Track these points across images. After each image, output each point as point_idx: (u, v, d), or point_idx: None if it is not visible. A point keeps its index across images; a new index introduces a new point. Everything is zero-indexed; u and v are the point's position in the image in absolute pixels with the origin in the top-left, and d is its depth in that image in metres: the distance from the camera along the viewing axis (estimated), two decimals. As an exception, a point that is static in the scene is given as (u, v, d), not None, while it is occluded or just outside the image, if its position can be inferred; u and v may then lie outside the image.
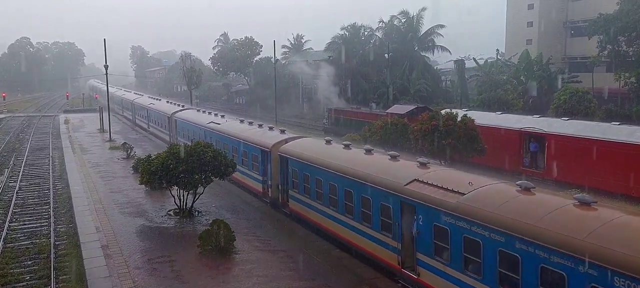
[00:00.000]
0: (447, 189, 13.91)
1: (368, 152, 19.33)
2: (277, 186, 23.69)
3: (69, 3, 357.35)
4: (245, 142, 27.17)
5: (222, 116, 35.84)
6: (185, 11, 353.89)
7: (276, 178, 23.68)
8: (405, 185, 15.15)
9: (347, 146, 20.65)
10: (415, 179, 15.17)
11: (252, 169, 26.16)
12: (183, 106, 47.39)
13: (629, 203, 23.53)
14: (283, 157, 22.67)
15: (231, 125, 31.60)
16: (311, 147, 22.06)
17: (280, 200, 23.57)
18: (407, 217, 15.11)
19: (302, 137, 25.64)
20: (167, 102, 55.24)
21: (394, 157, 17.90)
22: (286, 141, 23.74)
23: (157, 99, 60.47)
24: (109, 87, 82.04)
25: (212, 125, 33.09)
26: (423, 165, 16.20)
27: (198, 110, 42.38)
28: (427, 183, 14.67)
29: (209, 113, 38.94)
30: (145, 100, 61.26)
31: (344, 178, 18.05)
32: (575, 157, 27.34)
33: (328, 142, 21.83)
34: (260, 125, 28.86)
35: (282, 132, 26.03)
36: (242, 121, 32.39)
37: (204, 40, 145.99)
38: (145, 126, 55.34)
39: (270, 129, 27.71)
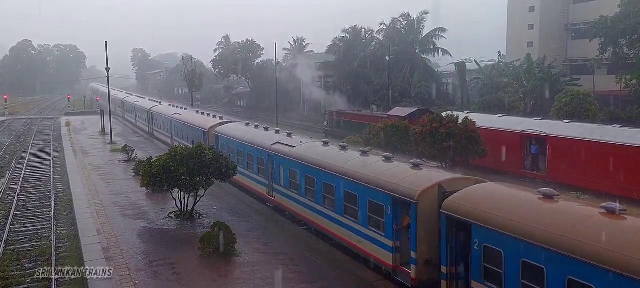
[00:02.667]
0: None
1: None
2: (427, 262, 14.54)
3: (70, 4, 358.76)
4: (354, 181, 17.40)
5: (289, 134, 25.85)
6: (186, 15, 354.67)
7: (427, 249, 14.55)
8: None
9: (622, 214, 10.87)
10: None
11: (368, 224, 16.82)
12: (222, 118, 36.79)
13: (631, 206, 23.50)
14: (455, 220, 13.30)
15: (316, 150, 21.50)
16: (521, 208, 12.20)
17: None
18: None
19: (479, 179, 15.47)
20: (198, 112, 45.29)
21: None
22: (442, 188, 14.44)
23: (183, 108, 49.56)
24: (117, 92, 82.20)
25: (280, 147, 23.67)
26: None
27: (247, 124, 32.10)
28: None
29: (266, 128, 28.86)
30: (166, 109, 50.15)
31: None
32: (576, 160, 27.30)
33: (546, 197, 12.24)
34: (363, 152, 19.40)
35: (416, 166, 16.51)
36: (326, 143, 22.27)
37: (205, 43, 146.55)
38: (168, 140, 45.23)
39: (388, 159, 18.09)
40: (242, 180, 27.73)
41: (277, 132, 27.16)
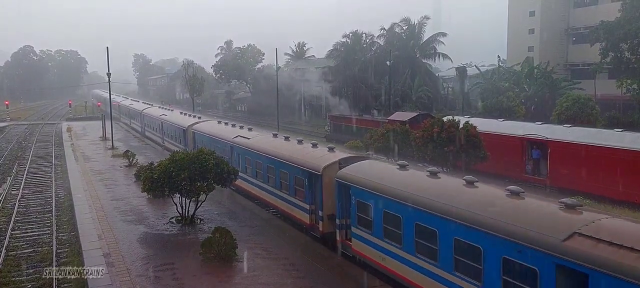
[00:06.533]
0: None
1: None
2: None
3: (71, 7, 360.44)
4: None
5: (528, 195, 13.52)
6: (187, 21, 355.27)
7: None
8: None
9: None
10: None
11: None
12: (333, 149, 21.91)
13: (632, 211, 23.46)
14: None
15: None
16: None
17: None
18: None
19: None
20: (276, 135, 27.57)
21: None
22: None
23: (241, 127, 32.77)
24: (132, 101, 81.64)
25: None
26: None
27: (401, 167, 17.39)
28: None
29: (468, 182, 14.66)
30: (222, 130, 33.76)
31: None
32: (577, 164, 27.27)
33: None
34: None
35: None
36: None
37: (206, 48, 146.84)
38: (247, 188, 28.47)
39: None
40: None
41: (513, 194, 13.20)
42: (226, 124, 36.36)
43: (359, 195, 17.21)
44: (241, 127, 32.48)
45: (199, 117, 43.01)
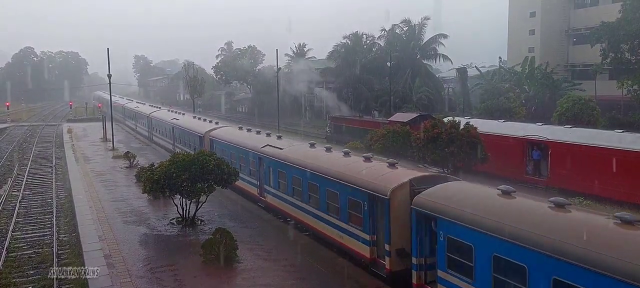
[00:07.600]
0: None
1: None
2: None
3: (71, 7, 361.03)
4: None
5: None
6: (187, 21, 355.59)
7: None
8: None
9: None
10: None
11: None
12: (394, 165, 18.01)
13: (635, 212, 23.43)
14: None
15: None
16: None
17: None
18: None
19: None
20: (314, 145, 24.08)
21: None
22: None
23: (268, 135, 28.84)
24: (135, 103, 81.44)
25: None
26: None
27: (505, 193, 13.46)
28: None
29: (623, 221, 10.53)
30: (238, 135, 31.09)
31: None
32: (578, 165, 27.26)
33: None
34: None
35: None
36: None
37: (206, 49, 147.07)
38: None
39: None
40: None
41: None
42: (248, 130, 32.50)
43: (452, 231, 13.27)
44: (268, 135, 28.75)
45: (217, 123, 39.23)
